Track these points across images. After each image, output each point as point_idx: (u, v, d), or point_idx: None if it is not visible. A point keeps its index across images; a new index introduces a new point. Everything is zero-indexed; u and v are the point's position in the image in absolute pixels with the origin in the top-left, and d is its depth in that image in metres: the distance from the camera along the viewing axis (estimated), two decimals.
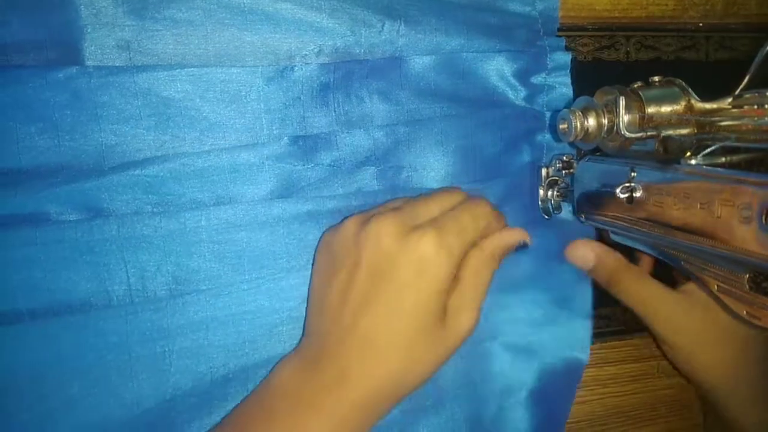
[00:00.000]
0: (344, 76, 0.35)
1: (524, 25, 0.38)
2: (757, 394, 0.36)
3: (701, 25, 0.43)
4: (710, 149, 0.27)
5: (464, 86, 0.37)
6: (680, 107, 0.29)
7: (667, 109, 0.29)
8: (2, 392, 0.30)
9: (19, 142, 0.31)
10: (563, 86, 0.39)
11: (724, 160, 0.27)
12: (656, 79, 0.30)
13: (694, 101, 0.29)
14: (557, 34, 0.39)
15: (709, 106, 0.29)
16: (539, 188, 0.39)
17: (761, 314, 0.26)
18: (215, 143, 0.33)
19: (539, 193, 0.39)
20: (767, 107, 0.26)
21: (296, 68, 0.34)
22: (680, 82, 0.30)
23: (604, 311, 0.42)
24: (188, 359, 0.32)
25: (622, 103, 0.29)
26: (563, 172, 0.37)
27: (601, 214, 0.34)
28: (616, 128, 0.29)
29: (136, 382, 0.31)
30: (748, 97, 0.27)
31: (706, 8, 0.42)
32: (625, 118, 0.29)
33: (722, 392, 0.37)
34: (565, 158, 0.37)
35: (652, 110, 0.29)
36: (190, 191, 0.32)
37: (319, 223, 0.34)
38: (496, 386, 0.38)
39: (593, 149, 0.33)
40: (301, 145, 0.34)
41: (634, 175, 0.30)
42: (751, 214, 0.23)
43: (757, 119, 0.26)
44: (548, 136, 0.39)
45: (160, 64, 0.32)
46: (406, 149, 0.36)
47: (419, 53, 0.36)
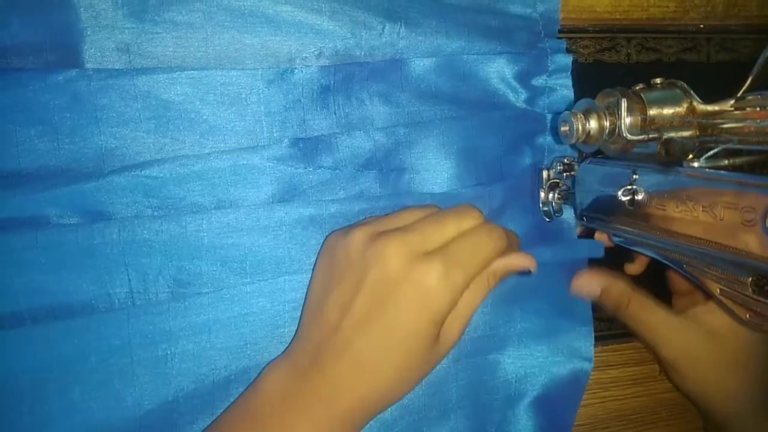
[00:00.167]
0: (345, 78, 0.35)
1: (525, 27, 0.38)
2: (764, 417, 0.36)
3: (702, 26, 0.42)
4: (713, 152, 0.27)
5: (465, 88, 0.37)
6: (682, 109, 0.29)
7: (669, 111, 0.29)
8: (3, 395, 0.30)
9: (18, 144, 0.31)
10: (564, 88, 0.39)
11: (726, 162, 0.27)
12: (658, 81, 0.30)
13: (696, 103, 0.29)
14: (558, 36, 0.39)
15: (711, 108, 0.29)
16: (540, 191, 0.38)
17: (764, 318, 0.26)
18: (215, 146, 0.33)
19: (540, 195, 0.38)
20: None
21: (296, 71, 0.34)
22: (682, 84, 0.30)
23: (605, 314, 0.42)
24: (190, 362, 0.32)
25: (623, 105, 0.29)
26: (564, 174, 0.37)
27: (602, 216, 0.34)
28: (617, 130, 0.29)
29: (137, 384, 0.31)
30: (750, 99, 0.27)
31: (707, 10, 0.42)
32: (626, 120, 0.29)
33: (730, 417, 0.37)
34: (566, 161, 0.37)
35: (653, 112, 0.29)
36: (190, 194, 0.32)
37: (321, 227, 0.33)
38: (500, 397, 0.38)
39: (594, 152, 0.33)
40: (301, 147, 0.34)
41: (635, 177, 0.30)
42: (754, 216, 0.23)
43: (759, 121, 0.26)
44: (549, 138, 0.39)
45: (159, 66, 0.32)
46: (406, 151, 0.36)
47: (420, 55, 0.36)
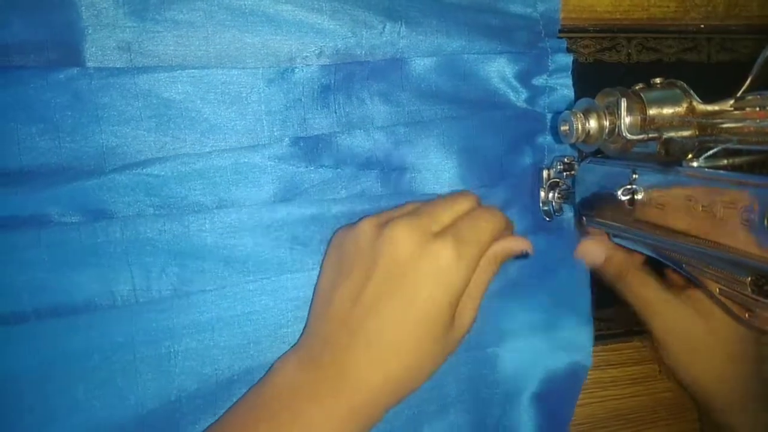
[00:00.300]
0: (345, 77, 0.35)
1: (525, 26, 0.38)
2: (751, 402, 0.36)
3: (703, 26, 0.42)
4: (712, 151, 0.27)
5: (465, 88, 0.37)
6: (682, 109, 0.29)
7: (668, 111, 0.29)
8: (6, 393, 0.30)
9: (19, 143, 0.31)
10: (564, 88, 0.39)
11: (726, 162, 0.27)
12: (658, 80, 0.30)
13: (695, 103, 0.29)
14: (558, 35, 0.39)
15: (710, 108, 0.29)
16: (540, 190, 0.39)
17: (763, 317, 0.26)
18: (216, 145, 0.33)
19: (540, 195, 0.39)
20: None
21: (297, 70, 0.34)
22: (682, 84, 0.30)
23: (605, 313, 0.42)
24: (193, 360, 0.32)
25: (623, 104, 0.29)
26: (564, 174, 0.37)
27: (602, 216, 0.34)
28: (617, 130, 0.29)
29: (140, 383, 0.31)
30: (750, 99, 0.27)
31: (707, 10, 0.42)
32: (626, 120, 0.29)
33: (718, 399, 0.37)
34: (566, 160, 0.37)
35: (653, 112, 0.29)
36: (192, 193, 0.32)
37: (323, 226, 0.33)
38: (499, 392, 0.38)
39: (594, 151, 0.33)
40: (302, 146, 0.34)
41: (635, 177, 0.30)
42: (753, 216, 0.23)
43: (759, 121, 0.26)
44: (549, 137, 0.39)
45: (160, 65, 0.32)
46: (406, 151, 0.36)
47: (420, 55, 0.36)
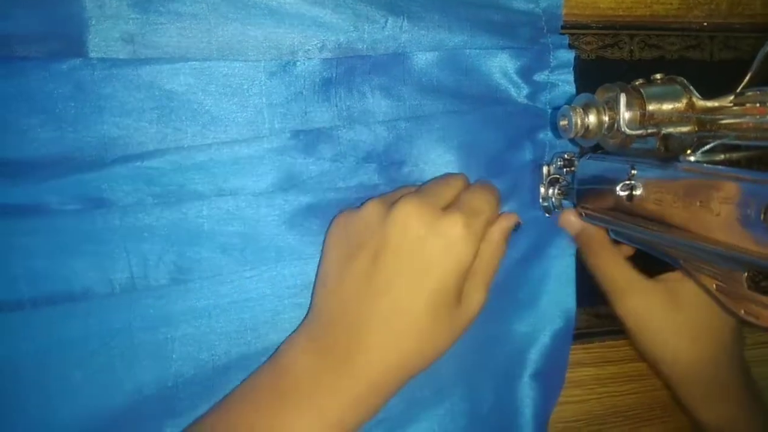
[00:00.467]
0: (347, 71, 0.35)
1: (528, 22, 0.38)
2: (715, 389, 0.37)
3: (705, 24, 0.42)
4: (709, 146, 0.27)
5: (467, 83, 0.37)
6: (681, 105, 0.29)
7: (668, 106, 0.29)
8: (5, 379, 0.30)
9: (21, 133, 0.31)
10: (566, 84, 0.39)
11: (723, 157, 0.27)
12: (658, 76, 0.30)
13: (695, 99, 0.29)
14: (561, 31, 0.39)
15: (710, 104, 0.29)
16: (540, 186, 0.39)
17: (760, 313, 0.26)
18: (217, 137, 0.33)
19: (540, 191, 0.39)
20: None
21: (299, 63, 0.34)
22: (682, 79, 0.30)
23: (603, 310, 0.42)
24: (190, 346, 0.32)
25: (623, 100, 0.29)
26: (564, 170, 0.37)
27: (601, 211, 0.34)
28: (616, 125, 0.29)
29: (138, 369, 0.31)
30: (749, 95, 0.27)
31: (710, 8, 0.42)
32: (625, 115, 0.29)
33: (680, 385, 0.38)
34: (566, 156, 0.37)
35: (653, 108, 0.29)
36: (191, 183, 0.32)
37: (321, 215, 0.34)
38: (493, 375, 0.38)
39: (594, 146, 0.33)
40: (302, 139, 0.34)
41: (634, 172, 0.30)
42: (750, 212, 0.23)
43: (758, 117, 0.26)
44: (550, 133, 0.39)
45: (163, 57, 0.32)
46: (407, 145, 0.36)
47: (422, 49, 0.36)
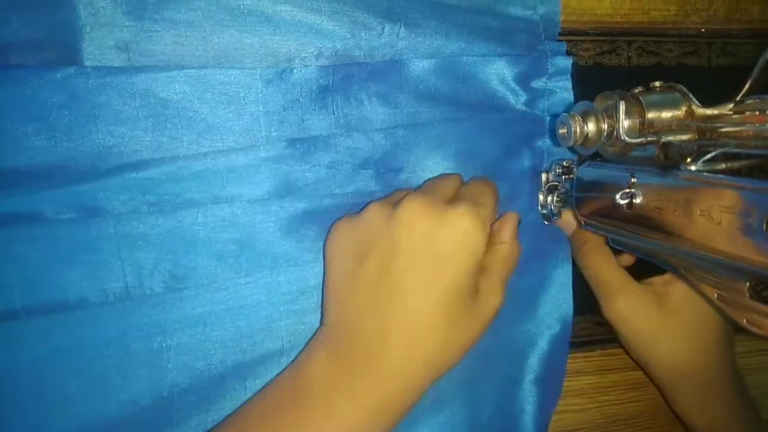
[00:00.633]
0: (343, 78, 0.35)
1: (525, 29, 0.38)
2: (696, 396, 0.37)
3: (703, 30, 0.42)
4: (710, 155, 0.27)
5: (464, 90, 0.37)
6: (681, 113, 0.29)
7: (667, 114, 0.29)
8: (0, 389, 0.30)
9: (15, 142, 0.31)
10: (564, 91, 0.38)
11: (724, 166, 0.27)
12: (657, 84, 0.30)
13: (695, 107, 0.29)
14: (558, 38, 0.39)
15: (710, 111, 0.28)
16: (539, 194, 0.38)
17: (762, 323, 0.26)
18: (213, 145, 0.33)
19: (539, 198, 0.38)
20: None
21: (295, 70, 0.34)
22: (681, 87, 0.30)
23: (604, 318, 0.42)
24: (186, 355, 0.32)
25: (622, 108, 0.28)
26: (563, 177, 0.37)
27: (600, 219, 0.33)
28: (616, 133, 0.29)
29: (133, 379, 0.31)
30: (749, 103, 0.26)
31: (708, 14, 0.42)
32: (625, 123, 0.29)
33: (670, 388, 0.38)
34: (565, 163, 0.37)
35: (652, 115, 0.29)
36: (187, 191, 0.32)
37: (317, 222, 0.34)
38: (493, 383, 0.38)
39: (593, 154, 0.33)
40: (299, 147, 0.34)
41: (634, 181, 0.30)
42: (752, 221, 0.23)
43: (758, 125, 0.26)
44: (549, 141, 0.39)
45: (158, 65, 0.32)
46: (405, 153, 0.36)
47: (419, 56, 0.36)
